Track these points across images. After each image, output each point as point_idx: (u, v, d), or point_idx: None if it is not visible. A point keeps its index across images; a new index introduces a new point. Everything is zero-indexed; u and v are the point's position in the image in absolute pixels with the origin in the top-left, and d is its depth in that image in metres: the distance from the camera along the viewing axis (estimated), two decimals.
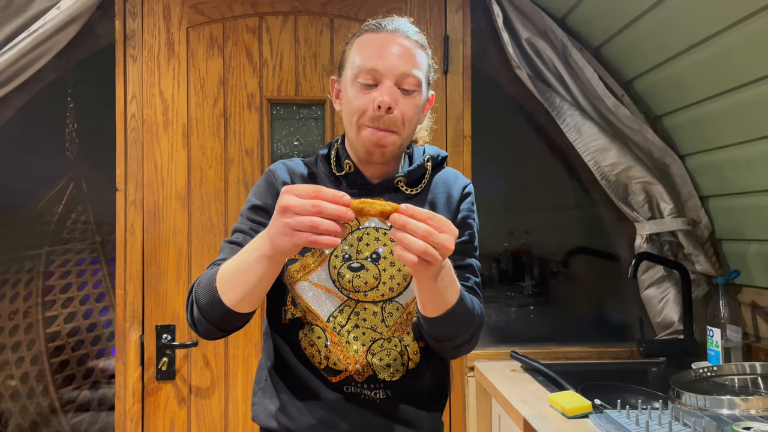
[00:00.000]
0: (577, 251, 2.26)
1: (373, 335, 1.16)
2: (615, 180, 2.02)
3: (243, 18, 2.05)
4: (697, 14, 1.57)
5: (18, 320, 2.08)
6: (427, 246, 0.89)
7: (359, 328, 1.16)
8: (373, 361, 1.16)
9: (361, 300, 1.17)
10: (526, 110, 2.18)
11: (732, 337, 1.82)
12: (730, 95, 1.66)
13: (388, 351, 1.16)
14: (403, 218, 0.89)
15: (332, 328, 1.16)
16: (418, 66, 1.15)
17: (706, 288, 2.07)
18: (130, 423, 1.98)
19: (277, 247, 0.93)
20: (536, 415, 1.48)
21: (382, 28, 1.17)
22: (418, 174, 1.22)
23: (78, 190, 2.13)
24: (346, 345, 1.16)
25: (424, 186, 1.23)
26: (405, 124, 1.14)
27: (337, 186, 1.20)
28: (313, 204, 0.87)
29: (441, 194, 1.23)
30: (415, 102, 1.15)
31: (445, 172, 1.28)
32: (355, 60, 1.15)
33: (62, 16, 1.86)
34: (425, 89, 1.19)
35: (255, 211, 1.19)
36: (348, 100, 1.16)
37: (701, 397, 1.27)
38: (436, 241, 0.89)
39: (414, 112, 1.15)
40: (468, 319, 1.10)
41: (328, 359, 1.17)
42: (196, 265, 2.02)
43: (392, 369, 1.17)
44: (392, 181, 1.20)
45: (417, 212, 0.90)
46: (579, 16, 1.99)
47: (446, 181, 1.25)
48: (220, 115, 2.04)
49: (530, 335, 2.16)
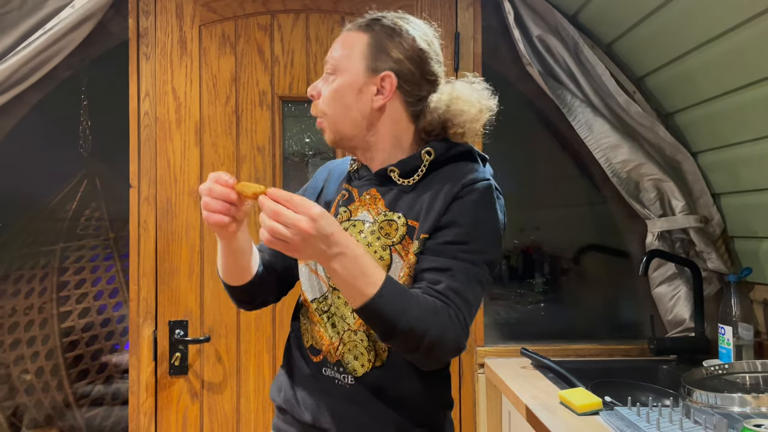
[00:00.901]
0: (587, 248, 2.26)
1: (343, 325, 1.18)
2: (626, 177, 2.01)
3: (255, 16, 2.06)
4: (709, 11, 1.56)
5: (33, 315, 2.11)
6: (275, 224, 0.95)
7: (335, 315, 1.19)
8: (342, 351, 1.17)
9: (336, 288, 1.18)
10: (537, 107, 2.18)
11: (744, 335, 1.81)
12: (742, 92, 1.65)
13: (355, 343, 1.16)
14: (262, 198, 0.98)
15: (314, 308, 1.22)
16: (340, 50, 1.20)
17: (717, 285, 2.06)
18: (144, 417, 2.00)
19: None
20: (546, 412, 1.49)
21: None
22: (411, 165, 1.17)
23: (92, 186, 2.15)
24: (324, 330, 1.20)
25: (421, 178, 1.17)
26: (324, 107, 1.19)
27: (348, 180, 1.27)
28: (207, 187, 1.03)
29: (435, 190, 1.15)
30: (331, 85, 1.18)
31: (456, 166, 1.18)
32: None
33: (76, 15, 1.88)
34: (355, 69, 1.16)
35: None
36: None
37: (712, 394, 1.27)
38: (284, 219, 0.95)
39: (330, 95, 1.18)
40: (397, 315, 1.01)
41: (313, 338, 1.22)
42: (209, 261, 2.04)
43: (359, 362, 1.16)
44: (385, 170, 1.18)
45: (278, 194, 0.97)
46: (590, 12, 1.98)
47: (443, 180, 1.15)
48: (232, 112, 2.06)
49: (541, 332, 2.16)
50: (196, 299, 2.03)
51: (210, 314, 2.03)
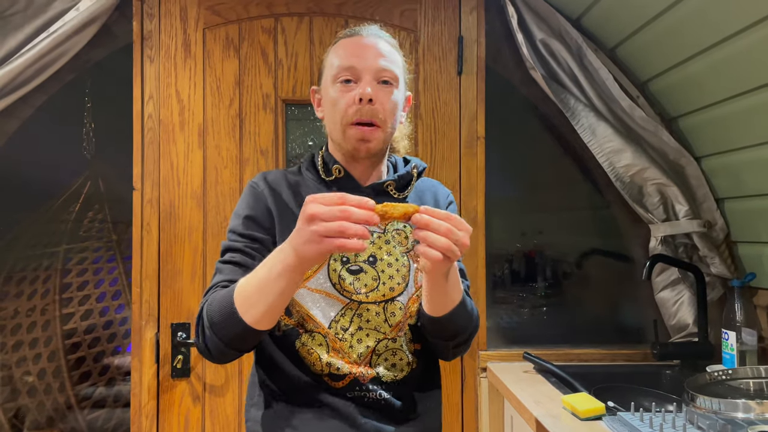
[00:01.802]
0: (590, 252, 2.25)
1: (377, 336, 1.17)
2: (630, 181, 2.01)
3: (259, 19, 2.07)
4: (712, 16, 1.56)
5: (36, 317, 2.11)
6: (450, 242, 0.93)
7: (363, 330, 1.17)
8: (378, 362, 1.17)
9: (363, 301, 1.17)
10: (540, 111, 2.18)
11: (747, 340, 1.80)
12: (746, 97, 1.65)
13: (393, 351, 1.18)
14: (425, 217, 0.94)
15: (334, 334, 1.16)
16: (392, 62, 1.20)
17: (721, 290, 2.05)
18: (146, 419, 2.00)
19: (303, 256, 0.93)
20: (549, 417, 1.48)
21: (356, 33, 1.23)
22: (405, 180, 1.27)
23: (95, 188, 2.15)
24: (350, 349, 1.16)
25: (410, 192, 1.28)
26: (386, 116, 1.17)
27: (327, 191, 1.20)
28: (341, 210, 0.89)
29: (428, 200, 1.30)
30: (392, 95, 1.18)
31: (427, 180, 1.35)
32: (334, 62, 1.20)
33: (81, 17, 1.89)
34: (402, 86, 1.23)
35: (247, 224, 1.17)
36: (330, 102, 1.19)
37: (716, 400, 1.27)
38: (455, 237, 0.94)
39: (392, 105, 1.18)
40: (468, 317, 1.17)
41: (330, 365, 1.15)
42: (211, 264, 2.04)
43: (398, 368, 1.18)
44: (382, 185, 1.24)
45: (436, 212, 0.95)
46: (594, 17, 1.98)
47: (431, 189, 1.33)
48: (236, 115, 2.06)
49: (543, 337, 2.16)
50: (199, 302, 2.03)
51: None
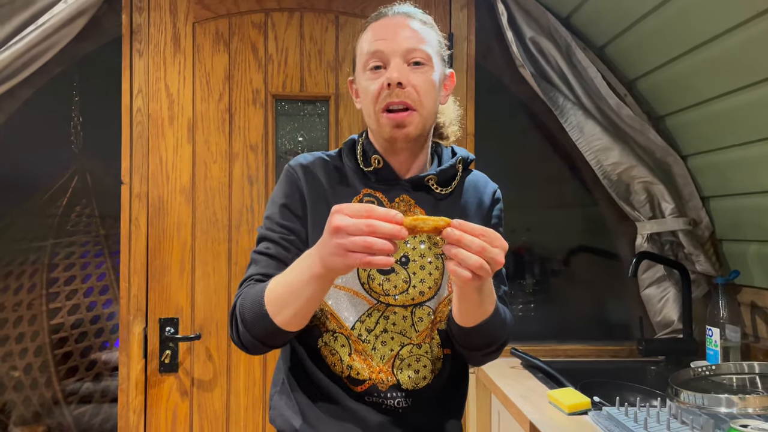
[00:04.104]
0: (578, 250, 2.27)
1: (402, 340, 1.12)
2: (617, 179, 2.03)
3: (249, 14, 2.06)
4: (700, 15, 1.57)
5: (22, 312, 2.10)
6: (482, 261, 0.88)
7: (388, 332, 1.12)
8: (401, 367, 1.12)
9: (391, 304, 1.12)
10: (530, 109, 2.19)
11: (731, 336, 1.83)
12: (732, 96, 1.67)
13: (417, 357, 1.12)
14: (457, 233, 0.88)
15: (357, 336, 1.11)
16: (423, 41, 1.11)
17: (705, 288, 2.08)
18: (133, 414, 1.99)
19: (329, 267, 0.90)
20: (536, 412, 1.50)
21: (383, 14, 1.15)
22: (449, 174, 1.18)
23: (82, 183, 2.14)
24: (372, 352, 1.11)
25: (454, 187, 1.19)
26: (421, 98, 1.09)
27: (365, 181, 1.16)
28: (367, 224, 0.84)
29: (472, 198, 1.21)
30: (426, 75, 1.10)
31: (474, 175, 1.24)
32: (363, 49, 1.13)
33: (69, 10, 1.87)
34: (439, 65, 1.13)
35: (284, 213, 1.14)
36: (363, 90, 1.13)
37: (699, 395, 1.28)
38: (489, 255, 0.88)
39: (428, 86, 1.10)
40: (501, 327, 1.10)
41: (351, 368, 1.11)
42: (200, 259, 2.03)
43: (420, 375, 1.12)
44: (423, 180, 1.15)
45: (470, 227, 0.89)
46: (583, 15, 2.00)
47: (476, 185, 1.23)
48: (225, 110, 2.05)
49: (530, 333, 2.17)
50: (187, 297, 2.03)
51: (201, 312, 2.03)
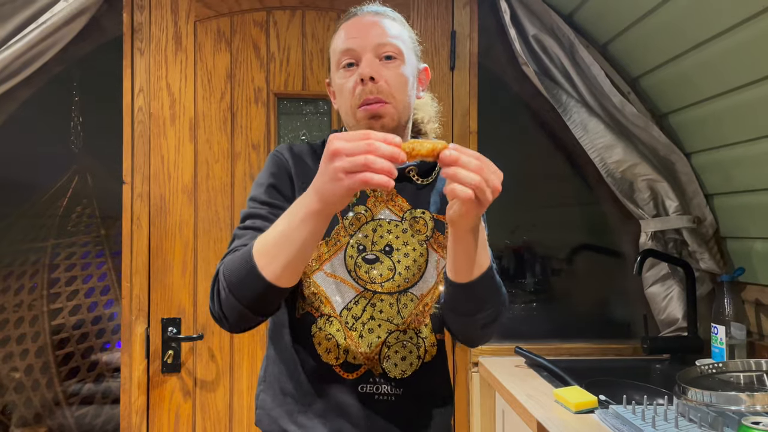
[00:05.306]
0: (581, 248, 2.27)
1: (389, 327, 1.14)
2: (620, 177, 2.02)
3: (250, 12, 2.05)
4: (704, 12, 1.57)
5: (23, 312, 2.09)
6: (481, 180, 0.87)
7: (375, 320, 1.13)
8: (387, 354, 1.13)
9: (378, 291, 1.14)
10: (532, 107, 2.18)
11: (736, 334, 1.82)
12: (736, 93, 1.67)
13: (403, 343, 1.14)
14: (455, 153, 0.88)
15: (344, 321, 1.13)
16: (393, 36, 1.14)
17: (710, 285, 2.07)
18: (135, 415, 1.98)
19: (327, 197, 0.89)
20: (541, 410, 1.49)
21: (354, 14, 1.18)
22: (429, 165, 1.22)
23: (83, 183, 2.13)
24: (359, 340, 1.12)
25: (434, 177, 1.23)
26: (392, 91, 1.11)
27: None
28: (367, 144, 0.85)
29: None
30: (398, 69, 1.12)
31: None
32: (336, 49, 1.16)
33: (70, 9, 1.86)
34: (411, 59, 1.16)
35: (270, 192, 1.14)
36: (339, 88, 1.15)
37: (707, 392, 1.27)
38: (487, 177, 0.88)
39: (399, 79, 1.12)
40: (497, 289, 1.09)
41: (347, 353, 1.12)
42: (202, 259, 2.02)
43: (407, 362, 1.14)
44: (404, 170, 1.20)
45: (467, 150, 0.89)
46: (586, 12, 1.99)
47: None
48: (227, 109, 2.04)
49: (534, 331, 2.16)
50: (190, 297, 2.02)
51: (203, 312, 2.02)
